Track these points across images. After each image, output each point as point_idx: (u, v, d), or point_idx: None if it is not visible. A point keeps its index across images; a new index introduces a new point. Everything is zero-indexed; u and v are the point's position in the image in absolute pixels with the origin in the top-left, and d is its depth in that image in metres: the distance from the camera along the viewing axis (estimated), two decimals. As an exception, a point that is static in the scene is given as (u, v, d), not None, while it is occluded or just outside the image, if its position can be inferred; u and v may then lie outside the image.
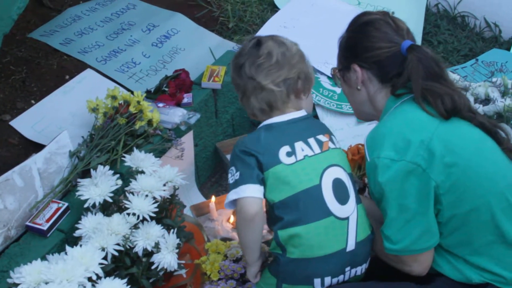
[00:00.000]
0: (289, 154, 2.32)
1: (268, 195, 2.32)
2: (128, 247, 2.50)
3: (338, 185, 2.35)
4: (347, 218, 2.33)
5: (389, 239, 2.27)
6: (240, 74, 2.40)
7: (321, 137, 2.41)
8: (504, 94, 3.22)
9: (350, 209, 2.35)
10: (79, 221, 2.56)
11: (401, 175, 2.20)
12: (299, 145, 2.35)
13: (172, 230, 2.60)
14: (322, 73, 4.09)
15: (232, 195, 2.30)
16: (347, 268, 2.35)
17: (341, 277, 2.34)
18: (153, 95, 3.45)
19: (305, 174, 2.31)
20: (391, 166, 2.20)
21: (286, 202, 2.29)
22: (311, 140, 2.38)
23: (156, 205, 2.60)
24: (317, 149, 2.37)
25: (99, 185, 2.62)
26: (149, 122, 3.14)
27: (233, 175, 2.31)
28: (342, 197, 2.34)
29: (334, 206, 2.31)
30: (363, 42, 2.42)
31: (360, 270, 2.40)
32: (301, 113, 2.45)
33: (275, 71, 2.36)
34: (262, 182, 2.30)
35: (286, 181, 2.29)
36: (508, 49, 4.67)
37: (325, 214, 2.29)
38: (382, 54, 2.37)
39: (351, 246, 2.33)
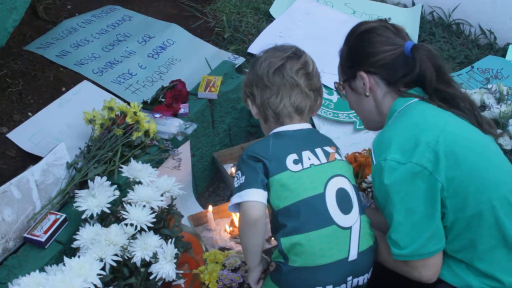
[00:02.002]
0: (296, 162, 2.36)
1: (273, 201, 2.34)
2: (126, 258, 2.49)
3: (342, 195, 2.36)
4: (349, 228, 2.34)
5: (396, 244, 2.28)
6: (278, 73, 2.45)
7: (328, 149, 2.46)
8: (499, 100, 3.23)
9: (353, 219, 2.36)
10: (77, 232, 2.55)
11: (408, 177, 2.22)
12: (306, 154, 2.39)
13: (170, 240, 2.60)
14: (318, 82, 4.11)
15: (236, 198, 2.34)
16: (349, 278, 2.35)
17: (343, 286, 2.35)
18: (150, 105, 3.46)
19: (310, 182, 2.33)
20: (397, 168, 2.22)
21: (289, 209, 2.31)
22: (318, 150, 2.43)
23: (153, 215, 2.59)
24: (323, 159, 2.41)
25: (96, 196, 2.62)
26: (146, 133, 3.15)
27: (238, 179, 2.36)
28: (345, 207, 2.36)
29: (337, 215, 2.32)
30: (366, 48, 2.45)
31: (362, 280, 2.41)
32: (308, 125, 2.52)
33: (311, 79, 2.48)
34: (266, 187, 2.33)
35: (291, 188, 2.32)
36: (504, 56, 4.69)
37: (327, 223, 2.31)
38: (387, 57, 2.41)
39: (353, 255, 2.34)
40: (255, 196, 2.30)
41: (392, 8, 5.14)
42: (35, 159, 3.08)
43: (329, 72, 4.15)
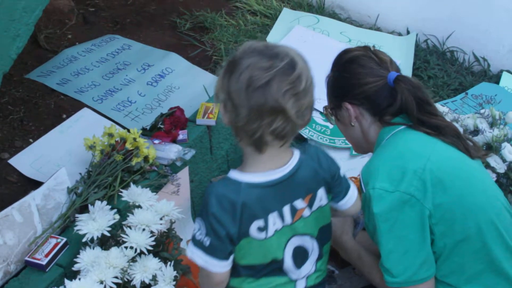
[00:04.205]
0: (260, 230, 2.12)
1: None
2: (126, 280, 2.53)
3: (298, 251, 2.25)
4: (302, 277, 2.30)
5: (389, 272, 2.31)
6: (260, 93, 1.94)
7: (298, 203, 2.17)
8: (492, 125, 3.28)
9: (306, 270, 2.30)
10: (78, 255, 2.59)
11: (396, 206, 2.25)
12: (272, 218, 2.13)
13: (169, 263, 2.63)
14: (315, 109, 4.15)
15: (198, 260, 2.12)
16: None
17: None
18: (149, 132, 3.49)
19: (270, 251, 2.19)
20: (386, 197, 2.26)
21: (245, 265, 2.21)
22: (286, 209, 2.15)
23: (153, 238, 2.63)
24: (288, 220, 2.17)
25: (97, 220, 2.65)
26: (145, 159, 3.18)
27: (201, 234, 2.09)
28: (300, 262, 2.27)
29: (290, 271, 2.26)
30: (350, 80, 2.48)
31: None
32: (289, 168, 2.14)
33: (300, 99, 1.99)
34: (232, 253, 2.16)
35: (250, 252, 2.16)
36: (497, 83, 4.75)
37: (280, 275, 2.25)
38: (370, 89, 2.45)
39: None
40: (221, 268, 2.14)
41: (387, 37, 5.20)
42: (36, 184, 3.12)
43: (324, 99, 4.21)
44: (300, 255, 2.25)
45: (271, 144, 2.04)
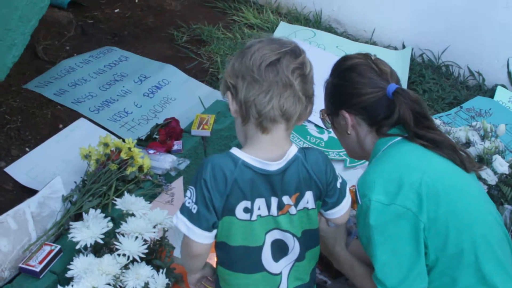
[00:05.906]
0: (245, 211, 2.16)
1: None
2: (118, 287, 2.54)
3: (278, 244, 2.25)
4: (280, 273, 2.28)
5: (383, 284, 2.30)
6: (272, 69, 2.08)
7: (285, 199, 2.19)
8: (483, 137, 3.31)
9: (283, 266, 2.28)
10: (71, 262, 2.60)
11: (392, 219, 2.25)
12: (258, 202, 2.17)
13: (161, 271, 2.65)
14: (309, 121, 4.19)
15: (182, 226, 2.15)
16: None
17: None
18: (144, 142, 3.53)
19: (251, 234, 2.21)
20: (382, 209, 2.25)
21: (224, 244, 2.22)
22: (274, 200, 2.18)
23: (145, 246, 2.65)
24: (273, 211, 2.19)
25: (90, 227, 2.67)
26: (140, 168, 3.21)
27: (191, 201, 2.13)
28: (278, 255, 2.26)
29: (268, 264, 2.25)
30: (348, 89, 2.45)
31: None
32: (285, 160, 2.17)
33: (305, 83, 2.13)
34: (215, 227, 2.19)
35: (232, 233, 2.19)
36: (492, 97, 4.78)
37: (257, 270, 2.24)
38: (368, 100, 2.42)
39: None
40: (203, 239, 2.15)
41: (383, 51, 5.24)
42: (31, 193, 3.14)
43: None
44: (279, 249, 2.25)
45: (278, 122, 2.12)
